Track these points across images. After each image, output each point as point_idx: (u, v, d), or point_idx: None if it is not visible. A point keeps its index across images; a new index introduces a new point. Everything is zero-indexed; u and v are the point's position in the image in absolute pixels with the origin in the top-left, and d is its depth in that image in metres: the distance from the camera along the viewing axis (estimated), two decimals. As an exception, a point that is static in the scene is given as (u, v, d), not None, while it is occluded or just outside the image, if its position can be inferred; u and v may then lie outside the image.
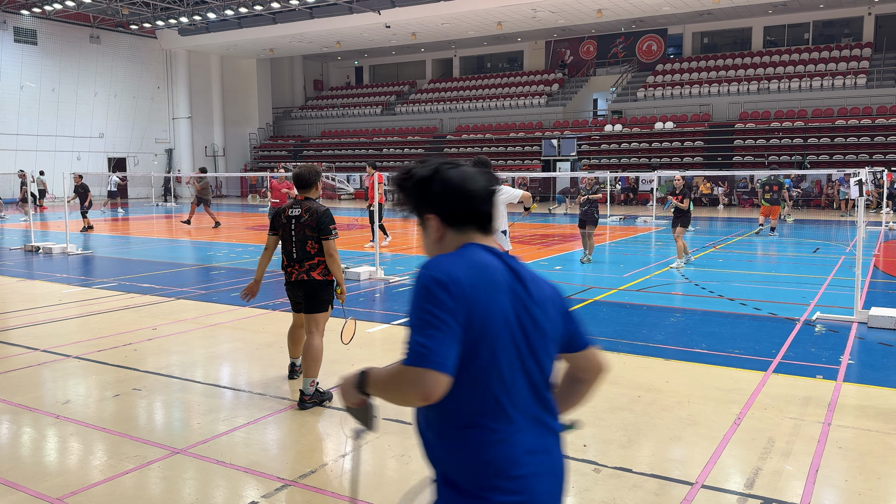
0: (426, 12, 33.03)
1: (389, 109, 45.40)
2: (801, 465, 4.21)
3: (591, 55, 41.32)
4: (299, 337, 5.85)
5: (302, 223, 5.41)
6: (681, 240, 12.13)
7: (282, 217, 5.55)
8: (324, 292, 5.47)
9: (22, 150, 35.57)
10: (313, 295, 5.45)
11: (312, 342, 5.42)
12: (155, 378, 6.03)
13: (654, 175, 22.96)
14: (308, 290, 5.44)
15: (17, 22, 35.32)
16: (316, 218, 5.39)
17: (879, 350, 6.81)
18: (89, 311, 8.84)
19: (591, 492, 3.88)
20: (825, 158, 29.72)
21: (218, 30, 38.55)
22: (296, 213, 5.47)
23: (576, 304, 9.06)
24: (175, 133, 43.04)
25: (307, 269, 5.44)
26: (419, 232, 2.04)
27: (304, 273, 5.43)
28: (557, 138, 36.30)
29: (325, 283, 5.46)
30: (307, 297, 5.47)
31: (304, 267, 5.44)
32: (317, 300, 5.46)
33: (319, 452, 4.48)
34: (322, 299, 5.47)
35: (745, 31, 37.76)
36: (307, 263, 5.44)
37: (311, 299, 5.46)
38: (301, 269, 5.45)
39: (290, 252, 5.50)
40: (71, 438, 4.75)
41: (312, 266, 5.44)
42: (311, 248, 5.42)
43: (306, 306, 5.49)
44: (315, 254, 5.44)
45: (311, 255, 5.44)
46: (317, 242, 5.42)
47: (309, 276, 5.42)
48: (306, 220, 5.41)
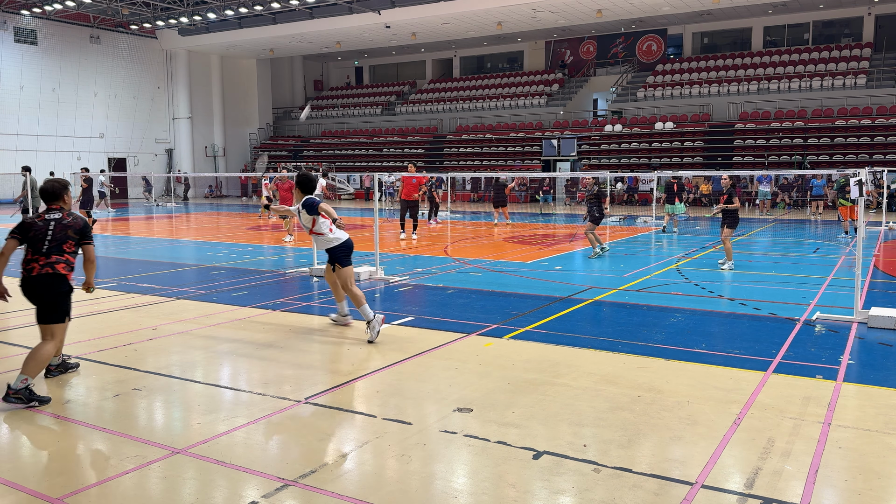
0: (426, 12, 33.03)
1: (389, 109, 45.40)
2: (801, 465, 4.21)
3: (591, 55, 41.32)
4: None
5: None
6: (728, 241, 11.84)
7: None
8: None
9: (22, 150, 35.59)
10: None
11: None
12: (155, 378, 6.03)
13: (653, 175, 22.94)
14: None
15: (17, 22, 35.32)
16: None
17: (879, 350, 6.81)
18: (89, 311, 8.84)
19: (591, 492, 3.88)
20: (825, 158, 29.73)
21: (218, 30, 38.56)
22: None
23: (576, 303, 9.07)
24: (175, 133, 43.05)
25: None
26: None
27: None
28: (557, 138, 36.30)
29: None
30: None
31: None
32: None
33: (319, 452, 4.48)
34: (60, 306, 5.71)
35: (745, 31, 37.77)
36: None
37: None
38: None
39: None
40: (71, 438, 4.75)
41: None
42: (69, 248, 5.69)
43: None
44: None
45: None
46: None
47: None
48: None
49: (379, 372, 6.13)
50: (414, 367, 6.29)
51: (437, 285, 10.62)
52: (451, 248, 15.77)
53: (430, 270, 12.13)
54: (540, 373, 6.04)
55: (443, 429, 4.80)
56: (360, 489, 3.93)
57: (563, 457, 4.33)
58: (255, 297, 9.70)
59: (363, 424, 4.92)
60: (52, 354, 5.62)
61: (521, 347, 6.94)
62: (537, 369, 6.15)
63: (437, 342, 7.12)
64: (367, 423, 4.94)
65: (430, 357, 6.60)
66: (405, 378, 5.96)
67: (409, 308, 8.92)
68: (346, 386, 5.78)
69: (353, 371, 6.17)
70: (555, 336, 7.29)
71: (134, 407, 5.36)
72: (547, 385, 5.69)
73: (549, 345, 6.96)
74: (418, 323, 8.04)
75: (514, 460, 4.30)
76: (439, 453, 4.43)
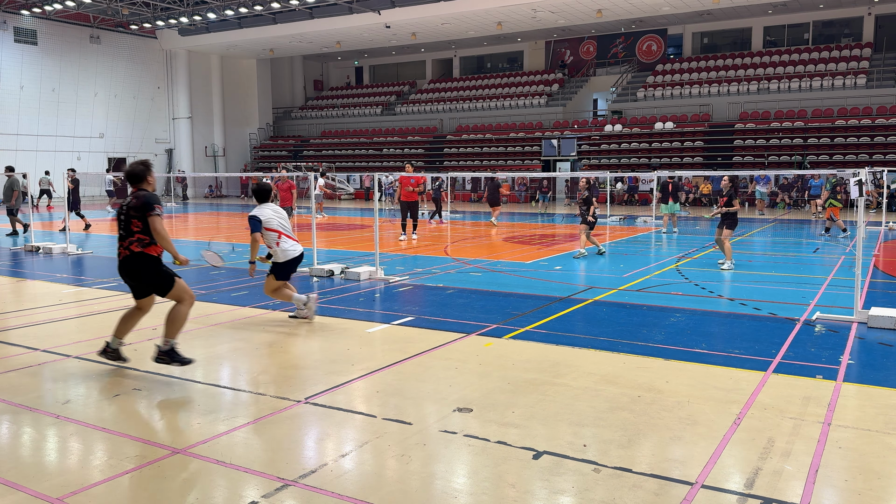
0: (426, 12, 33.03)
1: (389, 109, 45.40)
2: (801, 465, 4.21)
3: (591, 55, 41.32)
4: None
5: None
6: (727, 242, 11.83)
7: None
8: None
9: (22, 150, 35.58)
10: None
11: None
12: (155, 378, 6.03)
13: (653, 175, 22.94)
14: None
15: (17, 22, 35.32)
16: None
17: (879, 350, 6.81)
18: (89, 311, 8.84)
19: (591, 492, 3.88)
20: (825, 158, 29.73)
21: (218, 30, 38.56)
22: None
23: (576, 303, 9.07)
24: (175, 133, 43.05)
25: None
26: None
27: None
28: (557, 138, 36.31)
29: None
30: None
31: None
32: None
33: (319, 452, 4.48)
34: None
35: (745, 31, 37.77)
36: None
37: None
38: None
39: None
40: (71, 438, 4.75)
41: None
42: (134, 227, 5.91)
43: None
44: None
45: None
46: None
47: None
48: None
49: (379, 372, 6.13)
50: (414, 367, 6.29)
51: (437, 285, 10.62)
52: (451, 248, 15.77)
53: (430, 270, 12.13)
54: (540, 373, 6.04)
55: (443, 429, 4.80)
56: (360, 489, 3.93)
57: (563, 457, 4.33)
58: (255, 297, 9.70)
59: (363, 424, 4.92)
60: (187, 313, 6.07)
61: (521, 347, 6.94)
62: (537, 369, 6.15)
63: (437, 342, 7.12)
64: (367, 423, 4.94)
65: (430, 357, 6.60)
66: (405, 378, 5.96)
67: (409, 308, 8.92)
68: (346, 386, 5.78)
69: (352, 371, 6.17)
70: (555, 336, 7.29)
71: (134, 407, 5.36)
72: (547, 385, 5.69)
73: (549, 345, 6.96)
74: (418, 323, 8.04)
75: (514, 460, 4.30)
76: (439, 453, 4.43)
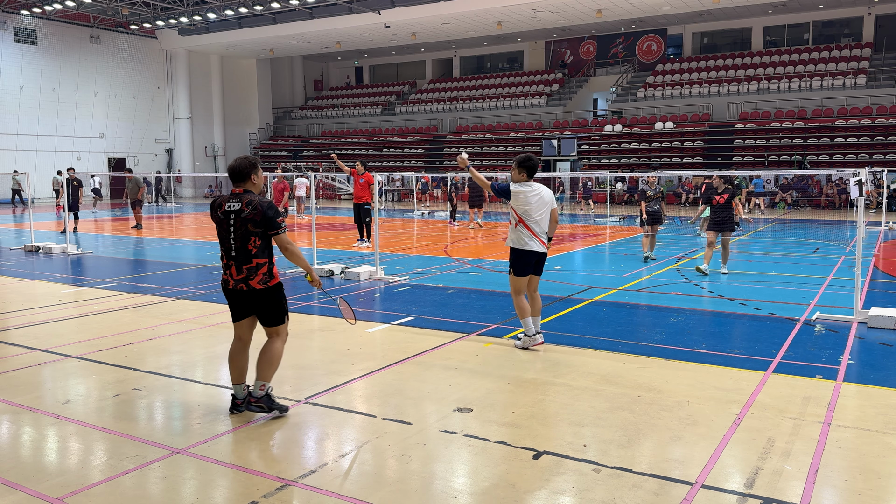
0: (426, 12, 33.04)
1: (389, 109, 45.40)
2: (801, 465, 4.21)
3: (591, 55, 41.32)
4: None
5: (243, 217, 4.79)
6: (728, 245, 11.51)
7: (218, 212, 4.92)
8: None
9: (22, 150, 35.60)
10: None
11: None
12: (155, 378, 6.03)
13: (653, 175, 22.88)
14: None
15: (17, 22, 35.33)
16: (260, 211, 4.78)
17: (879, 350, 6.81)
18: (89, 311, 8.84)
19: (591, 492, 3.88)
20: (825, 158, 29.74)
21: (218, 30, 38.56)
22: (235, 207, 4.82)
23: (576, 303, 9.07)
24: (175, 133, 43.06)
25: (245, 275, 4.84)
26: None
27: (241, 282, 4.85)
28: (557, 138, 36.31)
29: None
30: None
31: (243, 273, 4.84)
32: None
33: (319, 452, 4.48)
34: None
35: (745, 31, 37.77)
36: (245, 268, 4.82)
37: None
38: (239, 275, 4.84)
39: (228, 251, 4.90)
40: (71, 438, 4.75)
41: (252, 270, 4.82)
42: (252, 246, 4.79)
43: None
44: (255, 254, 4.78)
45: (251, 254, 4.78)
46: (260, 238, 4.79)
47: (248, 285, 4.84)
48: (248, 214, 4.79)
49: (379, 372, 6.13)
50: (414, 367, 6.29)
51: (437, 285, 10.62)
52: (451, 248, 15.77)
53: (430, 270, 12.13)
54: (540, 373, 6.04)
55: (443, 429, 4.80)
56: (360, 489, 3.93)
57: (563, 457, 4.33)
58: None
59: (363, 424, 4.92)
60: (281, 352, 5.07)
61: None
62: (537, 369, 6.15)
63: (437, 342, 7.12)
64: (367, 422, 4.94)
65: (430, 357, 6.60)
66: (405, 378, 5.96)
67: (409, 308, 8.92)
68: (346, 386, 5.78)
69: (353, 371, 6.17)
70: (555, 336, 7.29)
71: (134, 407, 5.35)
72: (547, 385, 5.68)
73: (549, 345, 6.96)
74: (418, 323, 8.04)
75: (514, 460, 4.30)
76: (439, 453, 4.43)
